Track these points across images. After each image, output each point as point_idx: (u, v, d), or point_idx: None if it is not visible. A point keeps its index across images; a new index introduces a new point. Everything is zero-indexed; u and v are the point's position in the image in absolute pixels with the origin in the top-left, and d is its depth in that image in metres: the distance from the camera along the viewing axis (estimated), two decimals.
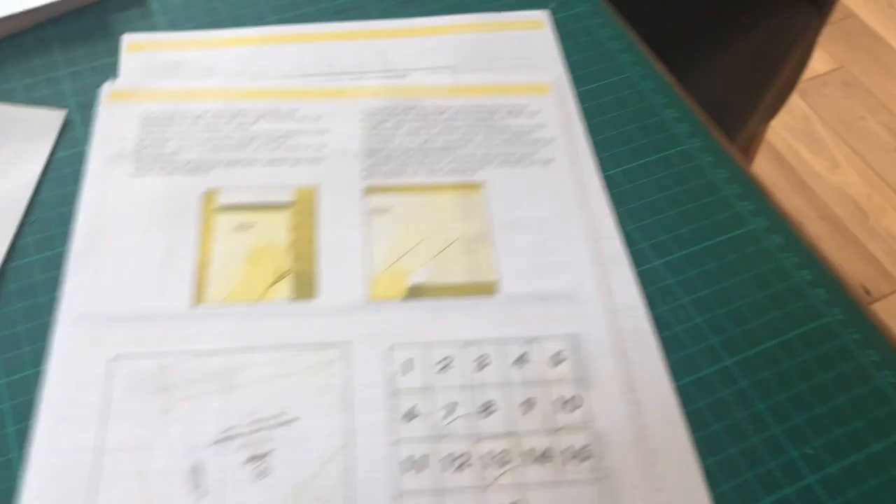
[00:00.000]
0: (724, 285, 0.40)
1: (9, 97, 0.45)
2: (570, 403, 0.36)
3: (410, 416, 0.35)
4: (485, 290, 0.39)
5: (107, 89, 0.45)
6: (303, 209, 0.41)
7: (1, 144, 0.42)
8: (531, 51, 0.49)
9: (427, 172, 0.43)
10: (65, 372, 0.35)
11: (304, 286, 0.39)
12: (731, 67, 0.67)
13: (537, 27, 0.50)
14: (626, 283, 0.39)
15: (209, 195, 0.41)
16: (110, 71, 0.46)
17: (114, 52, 0.47)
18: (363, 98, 0.46)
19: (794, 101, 1.56)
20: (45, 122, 0.44)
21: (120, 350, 0.36)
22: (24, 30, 0.48)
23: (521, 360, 0.37)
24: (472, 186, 0.43)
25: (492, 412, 0.35)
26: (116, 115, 0.44)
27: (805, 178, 1.47)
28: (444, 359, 0.37)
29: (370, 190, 0.42)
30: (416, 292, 0.39)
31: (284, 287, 0.38)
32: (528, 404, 0.36)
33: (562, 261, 0.40)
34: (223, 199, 0.41)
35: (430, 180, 0.43)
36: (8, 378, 0.36)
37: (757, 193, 0.43)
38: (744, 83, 0.69)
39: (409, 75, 0.47)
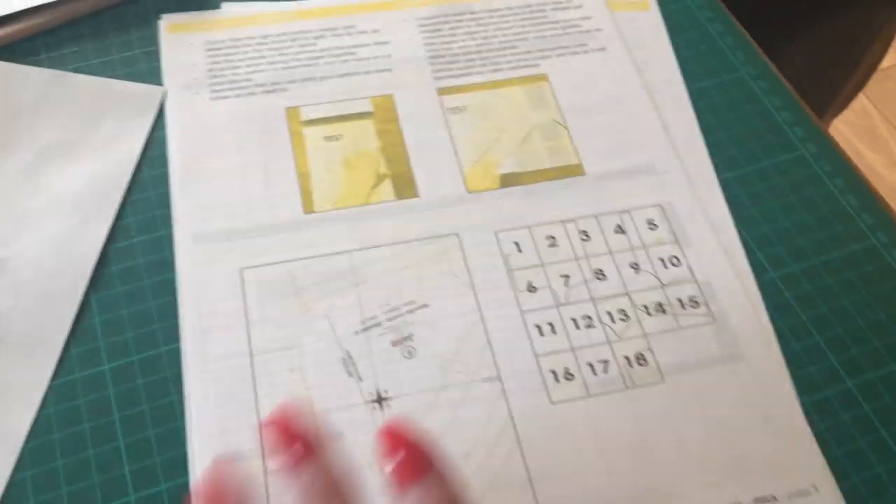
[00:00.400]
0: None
1: (107, 70, 0.43)
2: (671, 261, 0.39)
3: (531, 288, 0.37)
4: (571, 172, 0.41)
5: (163, 24, 0.45)
6: (384, 116, 0.43)
7: (100, 121, 0.41)
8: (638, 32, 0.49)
9: (491, 70, 0.45)
10: (197, 290, 0.37)
11: (404, 186, 0.40)
12: (811, 61, 0.65)
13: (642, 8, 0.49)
14: (698, 148, 0.42)
15: (292, 112, 0.42)
16: None
17: None
18: (415, 7, 0.47)
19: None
20: (144, 99, 0.42)
21: (245, 262, 0.37)
22: (123, 1, 0.46)
23: (618, 229, 0.40)
24: (537, 78, 0.45)
25: (603, 278, 0.38)
26: (180, 46, 0.44)
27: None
28: (549, 237, 0.39)
29: (442, 91, 0.44)
30: (508, 180, 0.41)
31: (386, 189, 0.40)
32: (635, 267, 0.38)
33: (637, 138, 0.43)
34: (306, 114, 0.42)
35: (497, 77, 0.45)
36: (118, 361, 0.35)
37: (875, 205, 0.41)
38: (822, 76, 0.67)
39: None
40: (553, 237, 0.39)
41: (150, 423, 0.33)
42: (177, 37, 0.44)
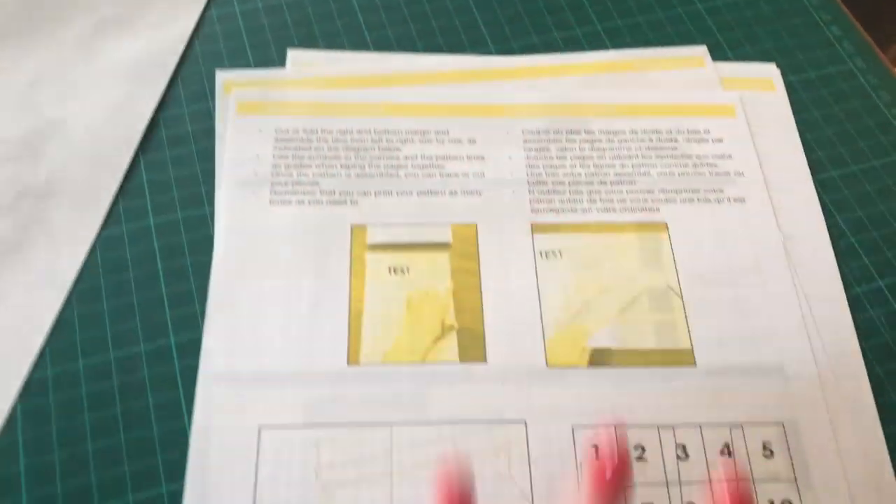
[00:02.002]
0: None
1: None
2: None
3: None
4: (680, 359, 0.34)
5: (233, 100, 0.40)
6: (464, 250, 0.36)
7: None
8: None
9: (601, 209, 0.37)
10: (209, 439, 0.31)
11: (472, 346, 0.34)
12: None
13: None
14: (850, 355, 0.34)
15: (358, 231, 0.36)
16: None
17: None
18: (522, 118, 0.40)
19: None
20: None
21: (267, 419, 0.31)
22: None
23: (725, 450, 0.31)
24: (656, 227, 0.37)
25: None
26: (247, 132, 0.39)
27: None
28: (638, 447, 0.31)
29: (537, 228, 0.37)
30: (600, 358, 0.33)
31: (449, 345, 0.33)
32: None
33: (767, 325, 0.34)
34: (374, 236, 0.36)
35: (606, 218, 0.37)
36: (163, 217, 0.37)
37: None
38: None
39: (571, 94, 0.41)
40: (643, 448, 0.31)
41: (192, 276, 0.35)
42: (246, 121, 0.39)
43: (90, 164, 0.38)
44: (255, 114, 0.39)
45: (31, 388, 0.32)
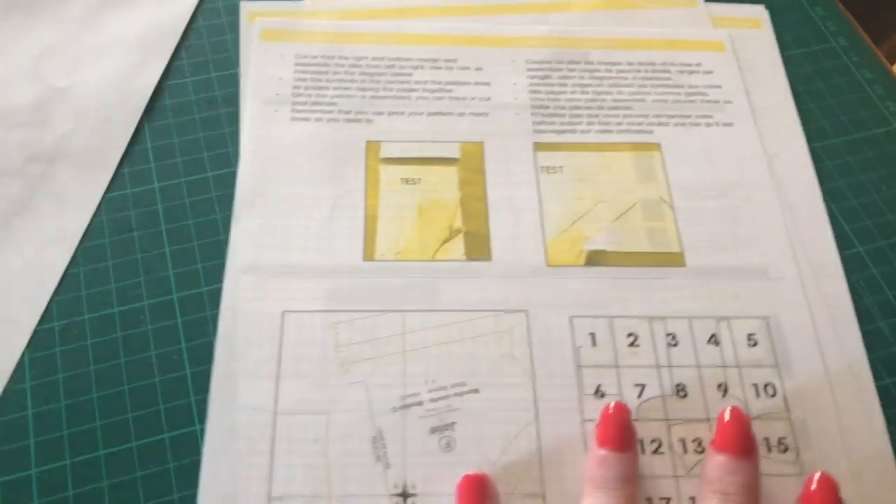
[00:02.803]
0: None
1: None
2: (765, 390, 0.33)
3: (599, 393, 0.33)
4: (670, 260, 0.36)
5: (257, 28, 0.42)
6: (470, 165, 0.39)
7: None
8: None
9: (599, 130, 0.40)
10: (236, 324, 0.34)
11: (478, 246, 0.36)
12: None
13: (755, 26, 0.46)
14: (829, 259, 0.36)
15: (372, 147, 0.39)
16: None
17: None
18: (527, 48, 0.43)
19: None
20: None
21: (290, 305, 0.34)
22: None
23: (712, 339, 0.34)
24: (649, 147, 0.40)
25: (684, 395, 0.33)
26: (269, 56, 0.41)
27: None
28: (631, 335, 0.34)
29: (539, 146, 0.39)
30: (595, 258, 0.36)
31: (456, 246, 0.36)
32: (723, 388, 0.33)
33: (752, 232, 0.37)
34: (387, 151, 0.39)
35: (603, 139, 0.40)
36: (168, 181, 0.38)
37: None
38: None
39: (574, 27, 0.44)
40: (635, 335, 0.34)
41: (195, 236, 0.36)
42: (268, 46, 0.42)
43: (97, 130, 0.39)
44: (277, 40, 0.42)
45: (39, 340, 0.34)
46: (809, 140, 0.40)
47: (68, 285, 0.35)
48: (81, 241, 0.36)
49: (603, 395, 0.33)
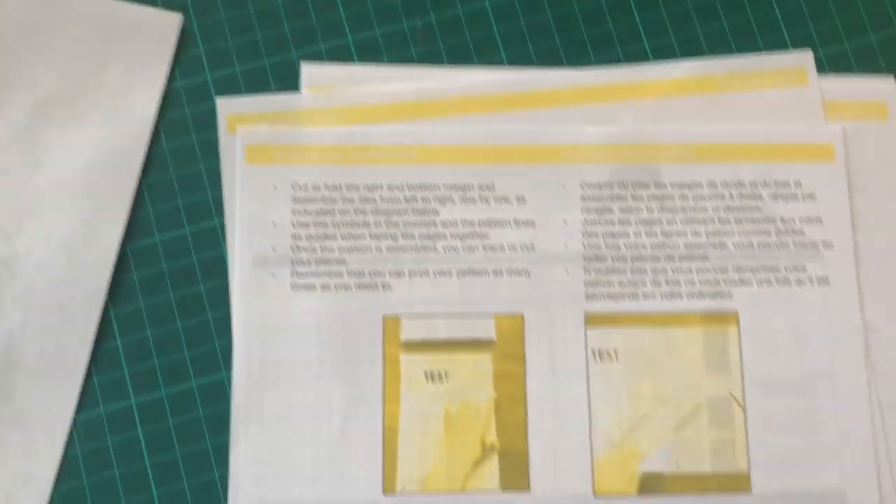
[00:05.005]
0: None
1: None
2: None
3: None
4: (734, 485, 0.32)
5: (241, 144, 0.33)
6: (508, 350, 0.32)
7: (106, 61, 0.33)
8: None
9: (665, 294, 0.33)
10: None
11: (515, 472, 0.31)
12: None
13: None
14: None
15: (391, 324, 0.32)
16: None
17: None
18: (581, 164, 0.34)
19: None
20: (156, 30, 0.33)
21: None
22: None
23: None
24: (724, 319, 0.33)
25: None
26: (259, 188, 0.33)
27: None
28: None
29: (592, 319, 0.33)
30: (650, 485, 0.31)
31: (490, 471, 0.31)
32: None
33: (831, 443, 0.32)
34: (409, 331, 0.32)
35: (670, 307, 0.33)
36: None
37: None
38: None
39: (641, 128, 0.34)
40: None
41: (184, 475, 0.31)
42: (256, 171, 0.33)
43: (53, 322, 0.31)
44: (267, 163, 0.33)
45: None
46: None
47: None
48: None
49: None
